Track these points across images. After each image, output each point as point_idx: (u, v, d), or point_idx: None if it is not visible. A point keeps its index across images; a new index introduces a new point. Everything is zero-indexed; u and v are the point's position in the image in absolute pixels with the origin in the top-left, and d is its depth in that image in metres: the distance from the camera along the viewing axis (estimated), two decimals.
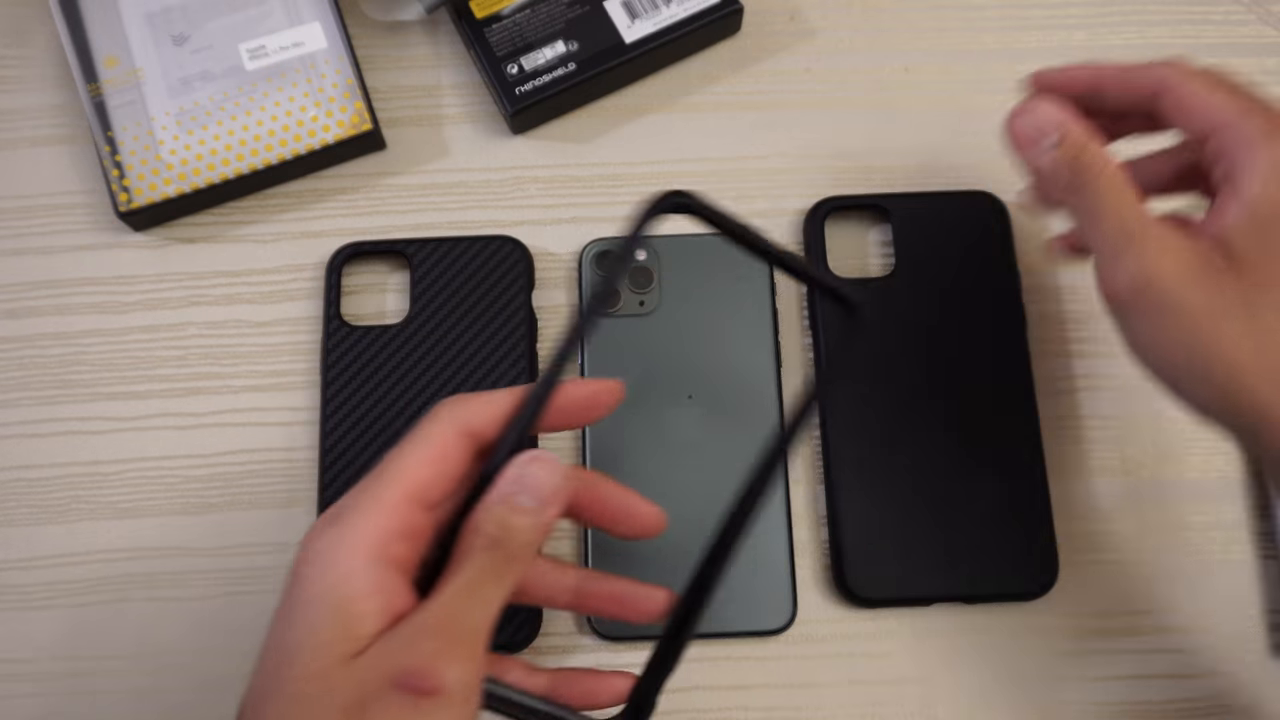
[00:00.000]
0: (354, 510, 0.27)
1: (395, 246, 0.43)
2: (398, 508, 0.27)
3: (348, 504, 0.28)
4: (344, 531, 0.27)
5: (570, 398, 0.30)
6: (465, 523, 0.28)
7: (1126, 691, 0.39)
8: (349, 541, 0.27)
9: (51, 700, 0.39)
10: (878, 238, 0.45)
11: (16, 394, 0.43)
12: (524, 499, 0.28)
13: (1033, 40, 0.48)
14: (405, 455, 0.28)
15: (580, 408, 0.30)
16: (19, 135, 0.46)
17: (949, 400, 0.41)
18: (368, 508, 0.27)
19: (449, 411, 0.29)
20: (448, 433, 0.29)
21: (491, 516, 0.28)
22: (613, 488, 0.31)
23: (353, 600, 0.26)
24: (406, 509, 0.27)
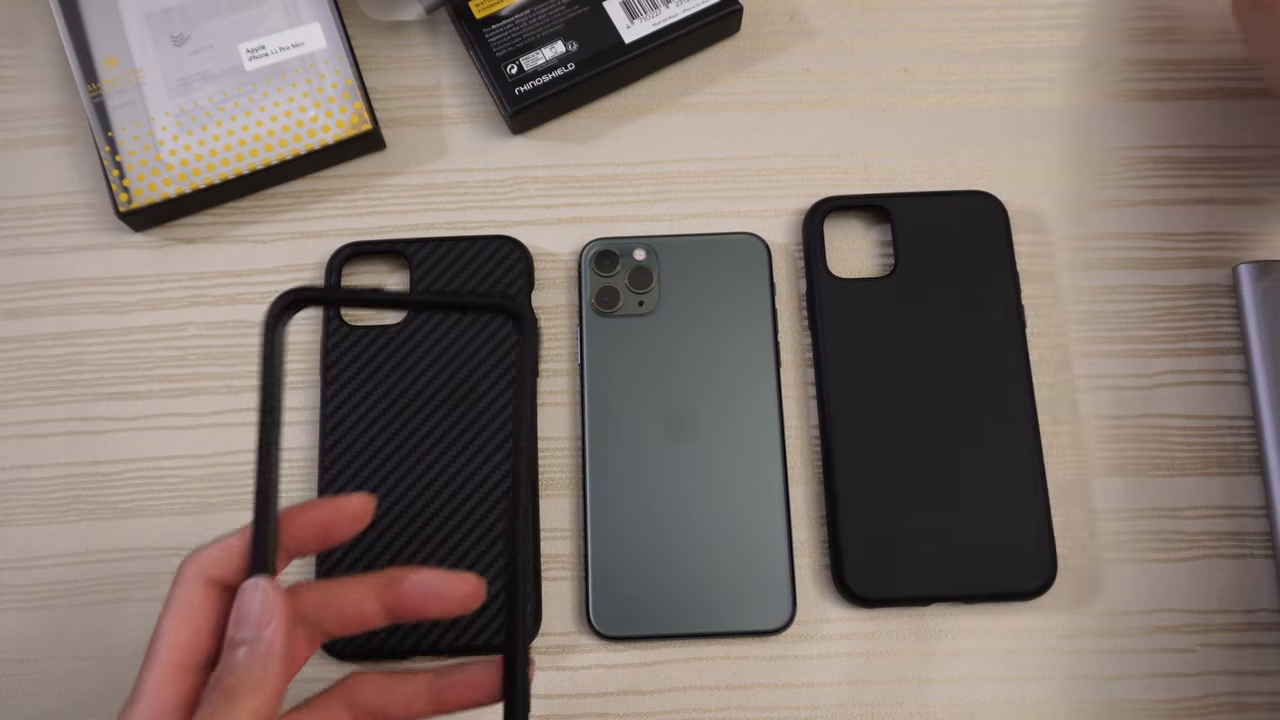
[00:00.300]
0: (132, 698, 0.27)
1: (395, 246, 0.43)
2: (165, 685, 0.27)
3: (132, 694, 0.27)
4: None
5: (306, 522, 0.30)
6: None
7: (1125, 691, 0.39)
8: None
9: (51, 700, 0.39)
10: (878, 238, 0.45)
11: (16, 394, 0.43)
12: (241, 632, 0.28)
13: (1033, 40, 0.48)
14: (161, 627, 0.28)
15: (318, 530, 0.30)
16: (19, 135, 0.47)
17: (948, 400, 0.41)
18: (139, 696, 0.27)
19: (189, 567, 0.29)
20: (193, 589, 0.28)
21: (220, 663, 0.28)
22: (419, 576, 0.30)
23: None
24: (174, 681, 0.27)
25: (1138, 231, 0.45)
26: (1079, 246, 0.45)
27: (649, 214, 0.45)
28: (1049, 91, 0.47)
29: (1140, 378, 0.43)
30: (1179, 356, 0.43)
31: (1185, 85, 0.47)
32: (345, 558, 0.40)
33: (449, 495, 0.40)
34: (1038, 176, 0.46)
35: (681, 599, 0.39)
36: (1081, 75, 0.47)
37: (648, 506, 0.40)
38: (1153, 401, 0.43)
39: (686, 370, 0.41)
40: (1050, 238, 0.45)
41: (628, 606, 0.39)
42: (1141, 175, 0.46)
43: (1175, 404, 0.43)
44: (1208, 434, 0.42)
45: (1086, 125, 0.47)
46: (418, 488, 0.40)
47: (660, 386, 0.41)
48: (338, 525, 0.30)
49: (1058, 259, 0.45)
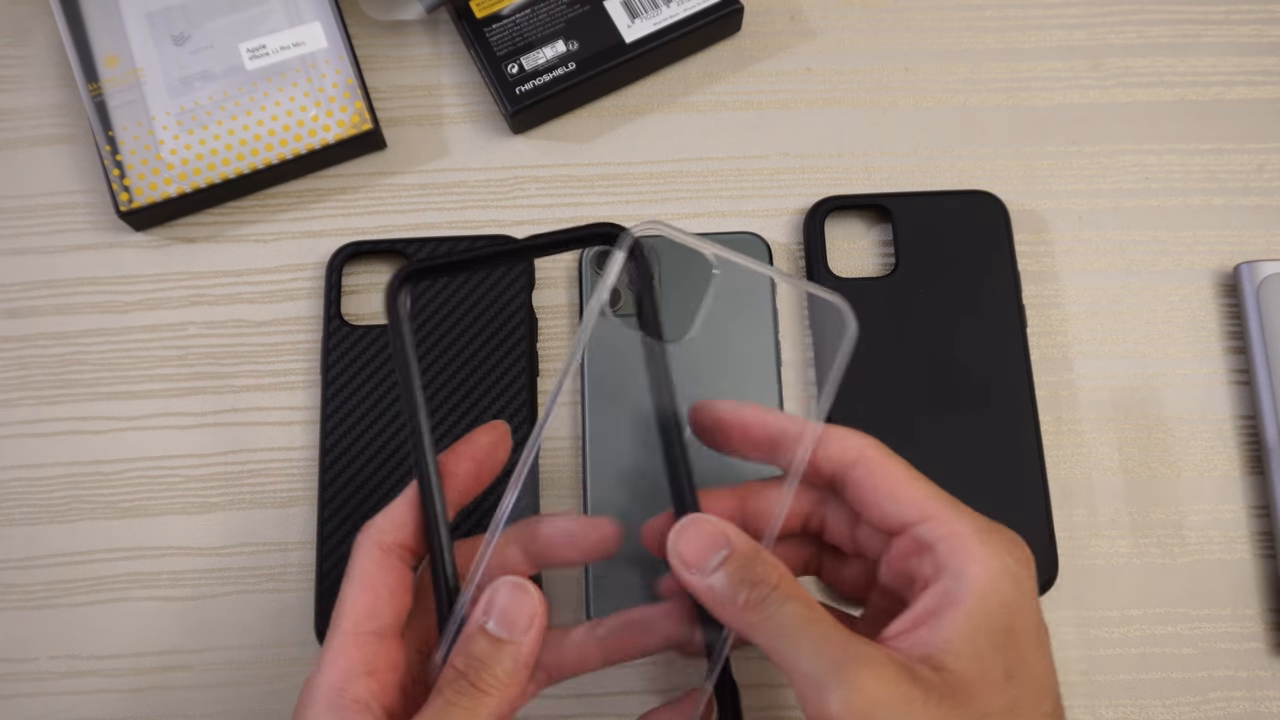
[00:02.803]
0: (318, 666, 0.28)
1: (395, 246, 0.43)
2: (345, 650, 0.28)
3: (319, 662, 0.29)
4: (310, 691, 0.28)
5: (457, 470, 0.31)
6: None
7: (1125, 691, 0.39)
8: (313, 698, 0.28)
9: (51, 700, 0.39)
10: (878, 237, 0.45)
11: (17, 394, 0.43)
12: (494, 627, 0.28)
13: (1033, 40, 0.48)
14: (343, 595, 0.29)
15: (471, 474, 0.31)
16: (19, 135, 0.47)
17: (949, 400, 0.41)
18: (324, 661, 0.28)
19: (364, 536, 0.30)
20: (369, 557, 0.29)
21: (460, 649, 0.28)
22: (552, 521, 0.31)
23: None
24: (355, 647, 0.28)
25: (1138, 231, 0.45)
26: (1079, 246, 0.45)
27: (649, 214, 0.45)
28: (1049, 91, 0.47)
29: (1140, 378, 0.43)
30: (1179, 356, 0.43)
31: (1185, 85, 0.47)
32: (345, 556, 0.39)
33: None
34: (1038, 176, 0.46)
35: None
36: (1081, 75, 0.47)
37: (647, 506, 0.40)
38: (1153, 401, 0.43)
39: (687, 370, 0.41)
40: (1050, 237, 0.45)
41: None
42: (1141, 175, 0.46)
43: (1175, 404, 0.43)
44: (1208, 434, 0.42)
45: (1086, 125, 0.47)
46: None
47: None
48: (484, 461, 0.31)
49: (1057, 259, 0.45)
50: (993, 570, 0.27)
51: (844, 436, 0.30)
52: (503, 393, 0.41)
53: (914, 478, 0.29)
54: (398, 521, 0.30)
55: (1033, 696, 0.27)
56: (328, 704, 0.27)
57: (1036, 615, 0.28)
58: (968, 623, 0.27)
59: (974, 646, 0.27)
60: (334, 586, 0.39)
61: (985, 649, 0.27)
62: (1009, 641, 0.27)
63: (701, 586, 0.28)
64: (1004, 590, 0.27)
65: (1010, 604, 0.27)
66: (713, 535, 0.29)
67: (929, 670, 0.26)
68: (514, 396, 0.41)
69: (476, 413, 0.41)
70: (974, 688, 0.26)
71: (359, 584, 0.29)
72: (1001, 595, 0.27)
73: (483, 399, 0.41)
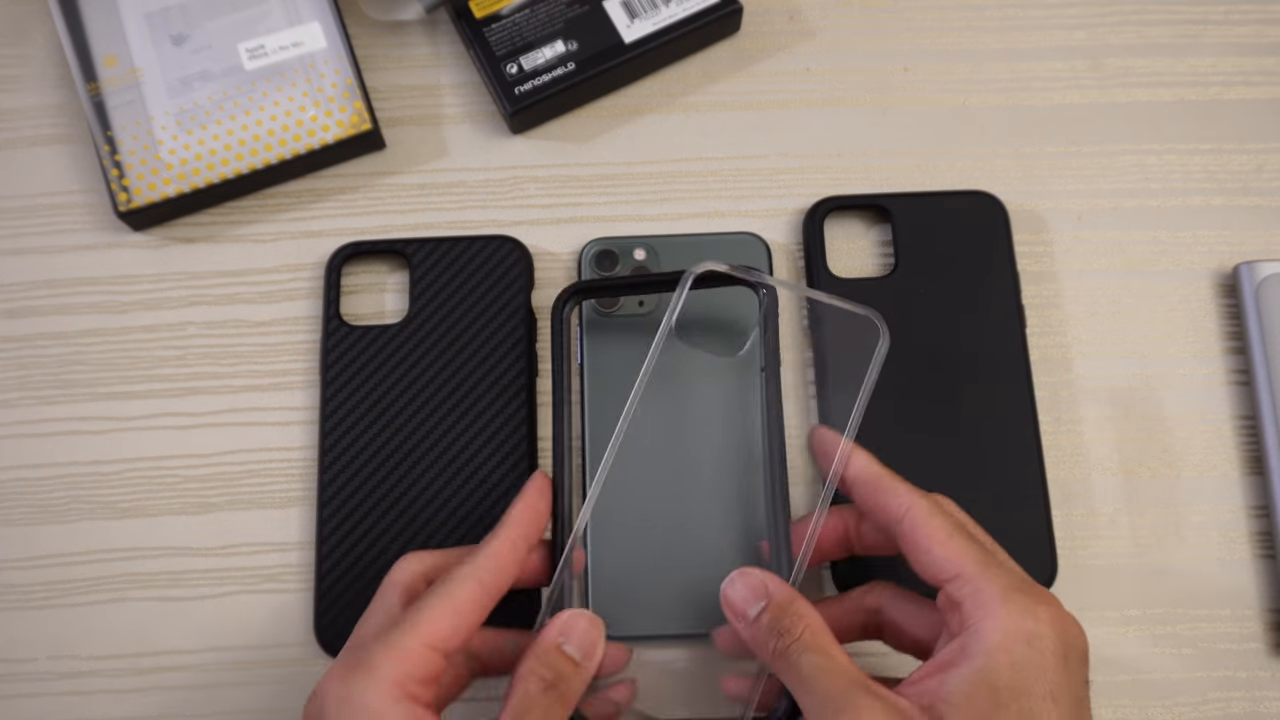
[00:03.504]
0: (377, 656, 0.30)
1: (394, 246, 0.43)
2: (420, 654, 0.30)
3: (367, 652, 0.30)
4: (371, 676, 0.29)
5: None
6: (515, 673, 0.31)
7: (1125, 690, 0.39)
8: (376, 685, 0.29)
9: (51, 700, 0.39)
10: (878, 237, 0.45)
11: (16, 394, 0.43)
12: (572, 650, 0.32)
13: (1032, 40, 0.48)
14: (429, 608, 0.31)
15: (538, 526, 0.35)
16: (18, 135, 0.46)
17: (948, 400, 0.41)
18: (389, 654, 0.30)
19: (473, 571, 0.32)
20: (467, 589, 0.32)
21: (546, 661, 0.32)
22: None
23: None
24: (426, 656, 0.30)
25: (1137, 231, 0.45)
26: (1078, 246, 0.45)
27: (649, 214, 0.45)
28: (1048, 91, 0.47)
29: (1140, 378, 0.43)
30: (1178, 357, 0.43)
31: (1184, 85, 0.47)
32: (346, 556, 0.40)
33: (449, 495, 0.40)
34: (1037, 176, 0.46)
35: (679, 599, 0.39)
36: (1081, 75, 0.47)
37: (646, 505, 0.40)
38: (1153, 401, 0.43)
39: (687, 371, 0.41)
40: (1050, 237, 0.45)
41: (625, 606, 0.39)
42: (1141, 175, 0.46)
43: (1175, 404, 0.43)
44: (1207, 434, 0.42)
45: (1086, 125, 0.47)
46: (417, 487, 0.40)
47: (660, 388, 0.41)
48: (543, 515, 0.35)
49: (1057, 259, 0.45)
50: (1007, 630, 0.29)
51: (895, 491, 0.33)
52: (502, 392, 0.41)
53: (953, 535, 0.31)
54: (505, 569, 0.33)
55: None
56: (397, 694, 0.29)
57: (1055, 677, 0.28)
58: (973, 678, 0.28)
59: (973, 701, 0.28)
60: (333, 587, 0.39)
61: (985, 705, 0.28)
62: (1014, 700, 0.28)
63: (745, 632, 0.32)
64: (1015, 650, 0.28)
65: (1021, 663, 0.28)
66: (755, 588, 0.32)
67: (925, 717, 0.28)
68: (514, 396, 0.41)
69: (477, 412, 0.41)
70: None
71: (452, 607, 0.31)
72: (1012, 655, 0.28)
73: (483, 398, 0.41)
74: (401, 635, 0.30)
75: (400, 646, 0.30)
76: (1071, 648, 0.29)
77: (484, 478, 0.40)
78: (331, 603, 0.39)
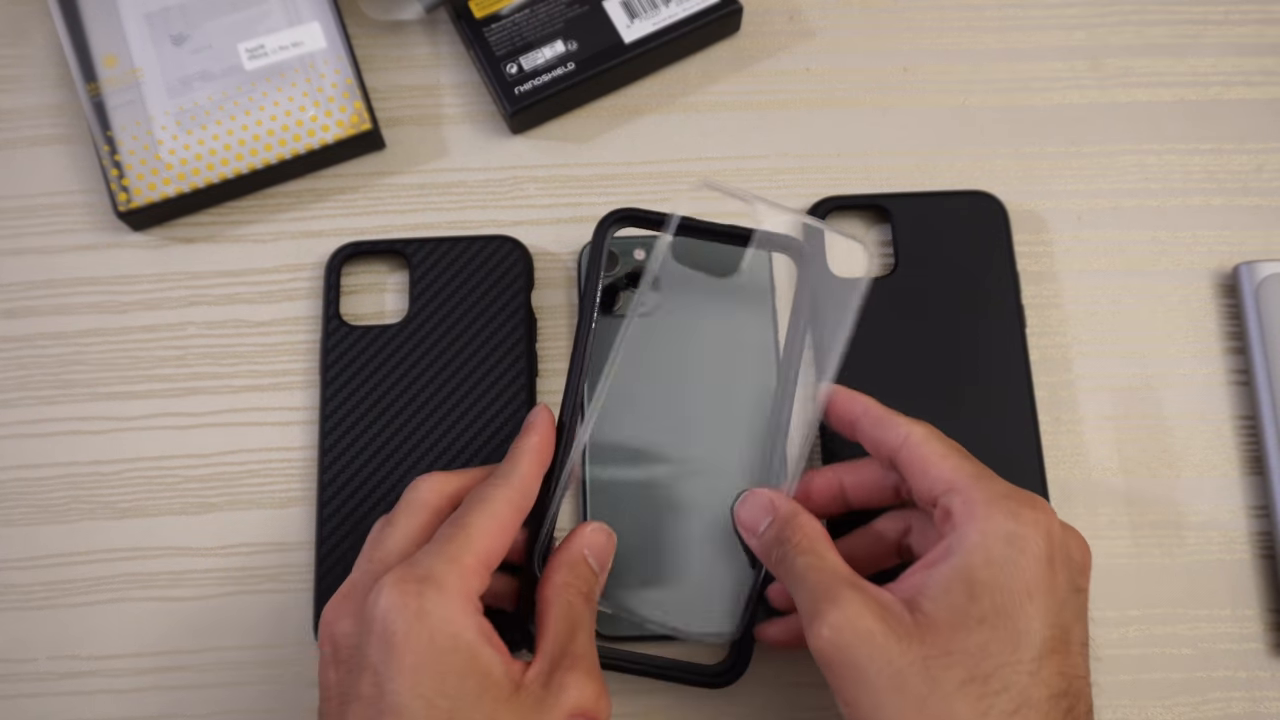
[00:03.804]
0: (442, 572, 0.30)
1: (394, 246, 0.43)
2: (476, 571, 0.31)
3: (428, 569, 0.30)
4: (443, 592, 0.30)
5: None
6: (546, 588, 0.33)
7: (1125, 691, 0.39)
8: (450, 600, 0.30)
9: (51, 700, 0.39)
10: (877, 237, 0.45)
11: (16, 394, 0.43)
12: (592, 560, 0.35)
13: (1033, 40, 0.48)
14: (478, 526, 0.32)
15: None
16: (18, 135, 0.46)
17: (949, 399, 0.41)
18: (455, 570, 0.31)
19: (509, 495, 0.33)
20: (513, 515, 0.33)
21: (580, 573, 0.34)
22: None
23: (478, 648, 0.30)
24: (480, 574, 0.31)
25: (1137, 231, 0.45)
26: (1078, 247, 0.45)
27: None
28: (1048, 91, 0.47)
29: (1140, 378, 0.43)
30: (1178, 357, 0.43)
31: (1184, 85, 0.47)
32: (346, 556, 0.40)
33: None
34: (1037, 176, 0.46)
35: (679, 598, 0.39)
36: (1081, 75, 0.47)
37: (646, 505, 0.40)
38: (1153, 401, 0.43)
39: (687, 369, 0.41)
40: (1049, 238, 0.45)
41: (626, 605, 0.39)
42: (1141, 175, 0.46)
43: (1175, 404, 0.43)
44: (1207, 434, 0.42)
45: (1086, 125, 0.47)
46: None
47: (658, 385, 0.41)
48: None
49: (1057, 259, 0.45)
50: (988, 530, 0.30)
51: (894, 423, 0.34)
52: (502, 392, 0.41)
53: (948, 455, 0.33)
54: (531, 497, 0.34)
55: (1007, 644, 0.29)
56: (471, 608, 0.30)
57: (1032, 575, 0.30)
58: (950, 573, 0.30)
59: (950, 595, 0.30)
60: (334, 586, 0.39)
61: (960, 596, 0.30)
62: (989, 593, 0.29)
63: (754, 545, 0.35)
64: (994, 548, 0.30)
65: (998, 560, 0.30)
66: (764, 505, 0.35)
67: (904, 610, 0.30)
68: (513, 396, 0.41)
69: (476, 412, 0.41)
70: (940, 628, 0.29)
71: (498, 526, 0.32)
72: (990, 552, 0.30)
73: (483, 398, 0.41)
74: (460, 552, 0.31)
75: (462, 563, 0.31)
76: (1059, 551, 0.31)
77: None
78: None
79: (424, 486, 0.35)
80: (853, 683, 0.30)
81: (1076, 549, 0.32)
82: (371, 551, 0.33)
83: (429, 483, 0.35)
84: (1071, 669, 0.30)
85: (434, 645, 0.29)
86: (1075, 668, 0.30)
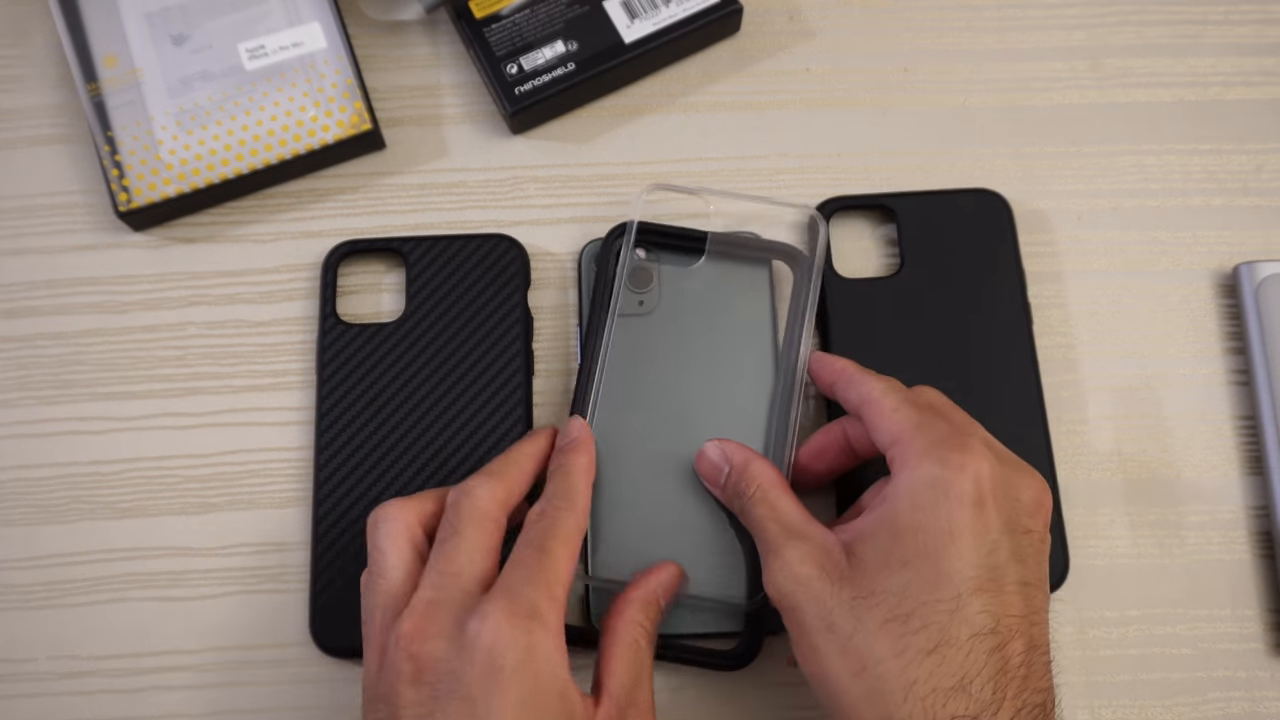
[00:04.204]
0: (546, 609, 0.31)
1: (391, 245, 0.43)
2: (565, 604, 0.32)
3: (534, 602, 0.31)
4: (549, 631, 0.31)
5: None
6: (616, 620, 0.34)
7: (1125, 690, 0.39)
8: (555, 638, 0.31)
9: (51, 700, 0.39)
10: (883, 237, 0.45)
11: (16, 394, 0.43)
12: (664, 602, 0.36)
13: (1033, 40, 0.48)
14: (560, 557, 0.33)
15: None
16: (18, 135, 0.46)
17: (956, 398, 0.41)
18: (554, 608, 0.31)
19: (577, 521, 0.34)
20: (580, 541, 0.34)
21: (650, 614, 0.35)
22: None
23: (569, 689, 0.31)
24: (565, 606, 0.32)
25: (1137, 232, 0.45)
26: (1078, 247, 0.45)
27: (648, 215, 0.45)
28: (1048, 92, 0.47)
29: (1140, 378, 0.43)
30: (1178, 357, 0.43)
31: (1184, 85, 0.47)
32: (341, 555, 0.40)
33: None
34: (1037, 177, 0.46)
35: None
36: (1081, 75, 0.47)
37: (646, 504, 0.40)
38: (1153, 401, 0.43)
39: (687, 369, 0.41)
40: (1049, 238, 0.45)
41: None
42: (1140, 175, 0.46)
43: (1175, 404, 0.43)
44: (1207, 434, 0.42)
45: (1086, 125, 0.47)
46: (412, 486, 0.40)
47: (660, 386, 0.41)
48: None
49: (1056, 259, 0.45)
50: (915, 476, 0.32)
51: (860, 380, 0.36)
52: (497, 392, 0.41)
53: (898, 407, 0.34)
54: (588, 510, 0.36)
55: (927, 583, 0.30)
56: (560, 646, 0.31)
57: (956, 517, 0.31)
58: (879, 519, 0.32)
59: (876, 537, 0.32)
60: (328, 587, 0.39)
61: (885, 540, 0.31)
62: (911, 536, 0.31)
63: (720, 495, 0.37)
64: (919, 492, 0.31)
65: (922, 505, 0.31)
66: (718, 456, 0.37)
67: (842, 555, 0.32)
68: (509, 396, 0.41)
69: (471, 411, 0.41)
70: (869, 570, 0.31)
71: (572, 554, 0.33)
72: (915, 497, 0.31)
73: (478, 398, 0.41)
74: (555, 586, 0.32)
75: (558, 599, 0.32)
76: (990, 493, 0.31)
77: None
78: (327, 602, 0.39)
79: (482, 496, 0.33)
80: (795, 626, 0.32)
81: (1026, 491, 0.32)
82: (443, 564, 0.32)
83: (483, 492, 0.34)
84: (1001, 607, 0.30)
85: (538, 684, 0.30)
86: (1007, 606, 0.30)
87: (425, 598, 0.31)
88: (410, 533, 0.34)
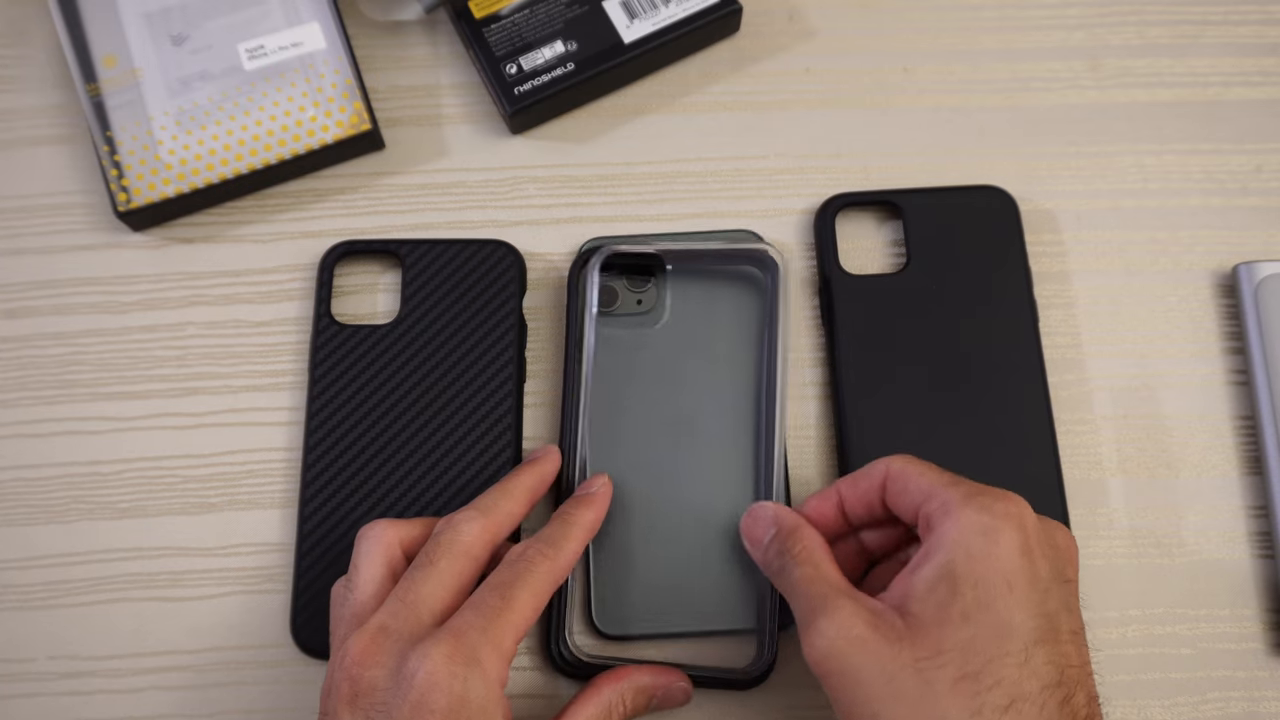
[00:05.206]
0: (489, 657, 0.31)
1: (388, 246, 0.43)
2: (513, 654, 0.32)
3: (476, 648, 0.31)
4: (486, 680, 0.30)
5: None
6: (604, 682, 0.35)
7: (1125, 690, 0.39)
8: (493, 688, 0.31)
9: (51, 700, 0.39)
10: (889, 234, 0.45)
11: (16, 394, 0.43)
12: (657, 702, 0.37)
13: (1032, 40, 0.48)
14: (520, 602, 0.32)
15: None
16: (18, 135, 0.46)
17: (963, 396, 0.41)
18: (498, 657, 0.31)
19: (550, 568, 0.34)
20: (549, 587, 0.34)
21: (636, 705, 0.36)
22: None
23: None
24: (513, 655, 0.32)
25: (1136, 232, 0.45)
26: (1077, 247, 0.45)
27: (648, 214, 0.45)
28: (1048, 92, 0.47)
29: (1139, 378, 0.43)
30: (1178, 357, 0.43)
31: (1183, 86, 0.47)
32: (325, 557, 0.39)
33: (433, 497, 0.40)
34: (1036, 177, 0.46)
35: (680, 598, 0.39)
36: (1080, 75, 0.47)
37: (646, 505, 0.40)
38: (1153, 401, 0.43)
39: (686, 369, 0.41)
40: (1049, 238, 0.45)
41: (627, 605, 0.39)
42: (1140, 175, 0.46)
43: (1174, 404, 0.43)
44: (1206, 434, 0.42)
45: (1085, 125, 0.47)
46: (400, 489, 0.40)
47: (660, 386, 0.41)
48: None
49: (1056, 259, 0.45)
50: (963, 526, 0.31)
51: (870, 470, 0.35)
52: (489, 398, 0.41)
53: (925, 470, 0.33)
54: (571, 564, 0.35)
55: (992, 637, 0.29)
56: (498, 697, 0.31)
57: (1010, 565, 0.30)
58: (932, 573, 0.31)
59: (934, 592, 0.30)
60: (310, 587, 0.39)
61: (944, 594, 0.30)
62: (971, 588, 0.30)
63: (758, 558, 0.36)
64: (971, 542, 0.30)
65: (976, 554, 0.30)
66: (766, 519, 0.36)
67: (895, 615, 0.31)
68: (500, 402, 0.41)
69: (462, 417, 0.41)
70: (929, 628, 0.30)
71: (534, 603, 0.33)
72: (968, 547, 0.30)
73: (469, 402, 0.41)
74: (504, 636, 0.31)
75: (505, 649, 0.31)
76: (1037, 541, 0.31)
77: (468, 480, 0.40)
78: (308, 603, 0.39)
79: (465, 530, 0.34)
80: (849, 690, 0.30)
81: (1061, 538, 0.32)
82: (405, 592, 0.33)
83: (474, 525, 0.34)
84: (1063, 658, 0.30)
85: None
86: (1067, 656, 0.30)
87: (378, 622, 0.32)
88: (389, 553, 0.34)
